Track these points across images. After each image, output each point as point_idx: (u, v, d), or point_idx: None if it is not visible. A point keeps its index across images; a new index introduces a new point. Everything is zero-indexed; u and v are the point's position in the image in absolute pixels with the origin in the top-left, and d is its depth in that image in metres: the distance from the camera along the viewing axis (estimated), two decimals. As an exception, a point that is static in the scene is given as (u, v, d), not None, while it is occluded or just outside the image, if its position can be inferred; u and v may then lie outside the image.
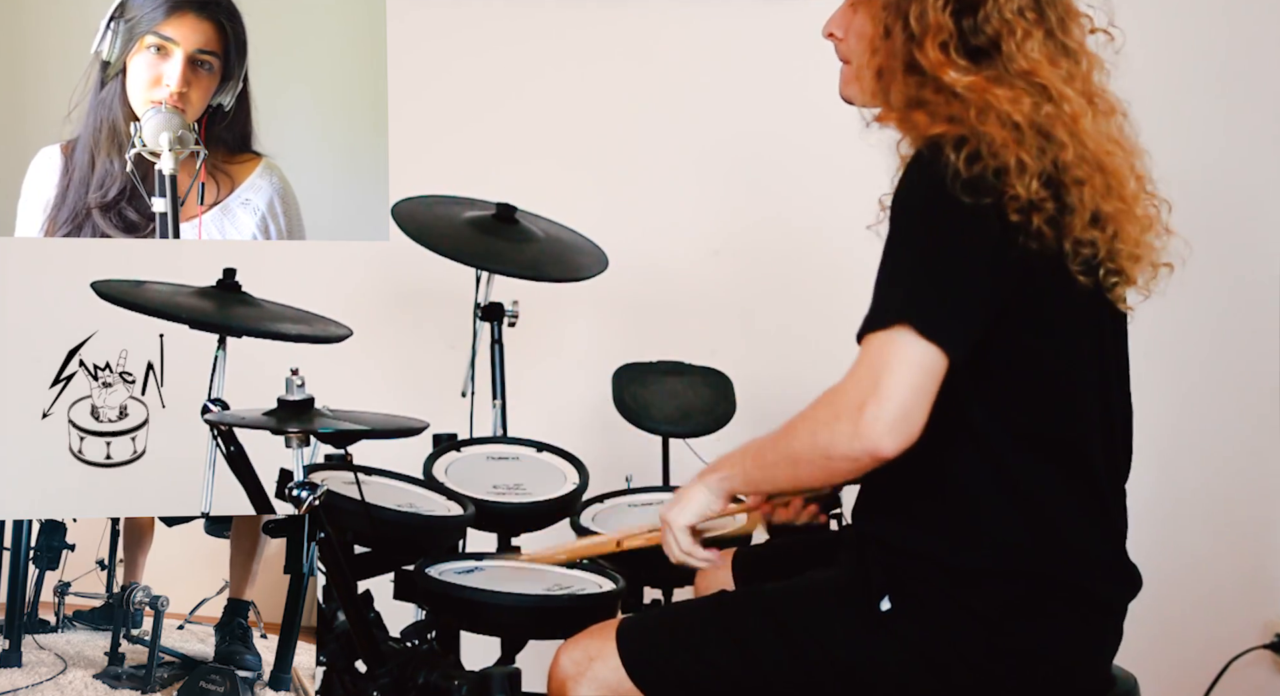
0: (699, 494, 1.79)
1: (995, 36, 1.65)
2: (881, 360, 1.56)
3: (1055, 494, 1.68)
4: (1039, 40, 1.66)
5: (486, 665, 2.07)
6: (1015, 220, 1.58)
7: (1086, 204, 1.63)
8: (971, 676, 1.67)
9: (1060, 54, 1.68)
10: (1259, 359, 3.23)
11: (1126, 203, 1.67)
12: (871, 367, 1.56)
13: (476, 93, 3.18)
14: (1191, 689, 3.00)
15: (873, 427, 1.54)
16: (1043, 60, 1.65)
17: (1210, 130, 3.12)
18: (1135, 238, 1.69)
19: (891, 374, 1.54)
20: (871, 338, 1.58)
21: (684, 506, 1.80)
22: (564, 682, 1.80)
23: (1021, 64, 1.64)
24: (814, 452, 1.61)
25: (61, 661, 2.18)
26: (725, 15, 3.17)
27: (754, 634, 1.75)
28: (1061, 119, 1.63)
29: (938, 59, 1.65)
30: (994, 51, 1.66)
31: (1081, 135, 1.63)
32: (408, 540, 2.21)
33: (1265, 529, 3.25)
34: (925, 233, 1.60)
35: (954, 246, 1.58)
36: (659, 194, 3.21)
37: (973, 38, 1.66)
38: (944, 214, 1.58)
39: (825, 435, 1.58)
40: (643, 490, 2.49)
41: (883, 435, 1.54)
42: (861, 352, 1.59)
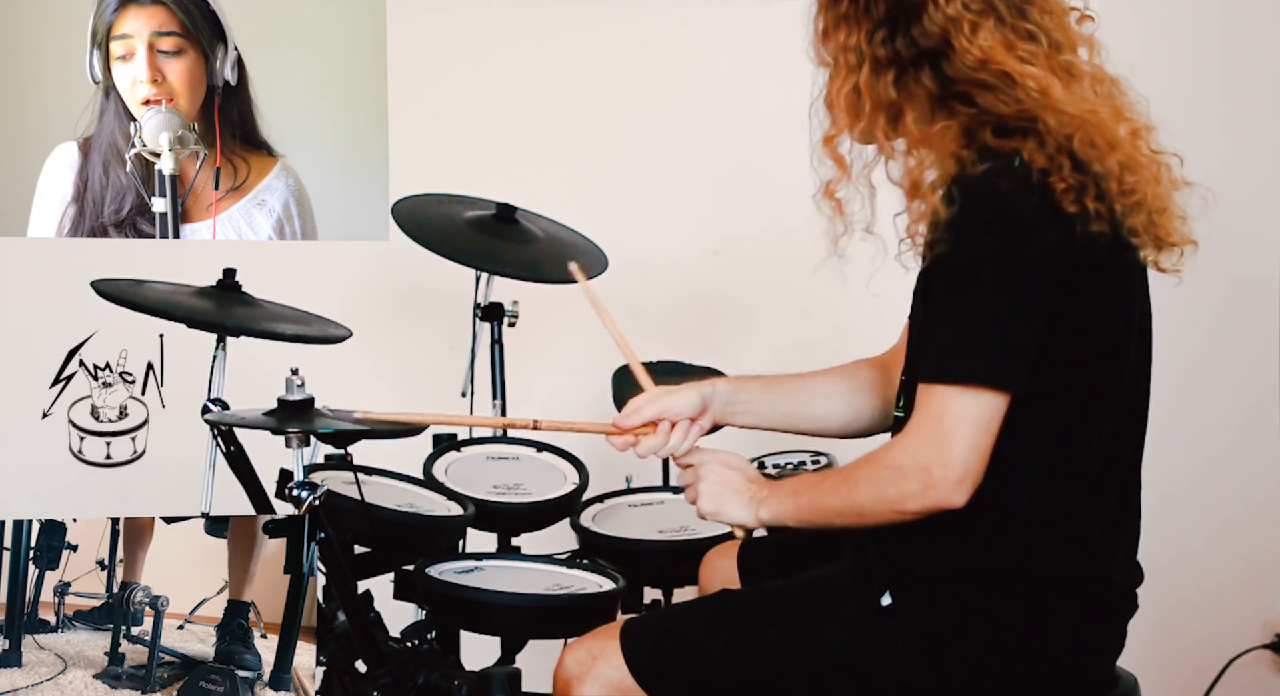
0: (741, 511, 1.80)
1: (943, 35, 1.65)
2: (946, 421, 1.59)
3: (1063, 491, 1.67)
4: (989, 29, 1.65)
5: (486, 665, 2.07)
6: (1073, 211, 1.59)
7: (1106, 162, 1.63)
8: (972, 672, 1.67)
9: (1020, 38, 1.67)
10: (1259, 357, 3.23)
11: (1124, 152, 1.66)
12: (936, 430, 1.60)
13: (476, 94, 3.18)
14: (1191, 689, 3.00)
15: (940, 490, 1.60)
16: (996, 46, 1.65)
17: (1210, 130, 3.13)
18: (1150, 185, 1.68)
19: (955, 440, 1.59)
20: (938, 391, 1.60)
21: (720, 506, 1.81)
22: (568, 682, 1.80)
23: (975, 53, 1.64)
24: (882, 507, 1.65)
25: (61, 661, 2.18)
26: (724, 16, 3.17)
27: (756, 631, 1.75)
28: (1031, 97, 1.63)
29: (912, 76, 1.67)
30: (948, 51, 1.65)
31: (1057, 104, 1.63)
32: (408, 540, 2.21)
33: (1265, 528, 3.25)
34: (993, 270, 1.60)
35: (1021, 284, 1.60)
36: (659, 194, 3.21)
37: (925, 42, 1.66)
38: (1009, 245, 1.59)
39: (893, 492, 1.63)
40: (643, 490, 2.50)
41: (950, 494, 1.60)
42: (924, 403, 1.62)
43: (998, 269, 1.60)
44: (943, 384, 1.60)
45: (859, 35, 1.69)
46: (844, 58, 1.71)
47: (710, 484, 1.82)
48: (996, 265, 1.60)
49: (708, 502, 1.81)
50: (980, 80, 1.64)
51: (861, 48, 1.69)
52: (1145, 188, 1.66)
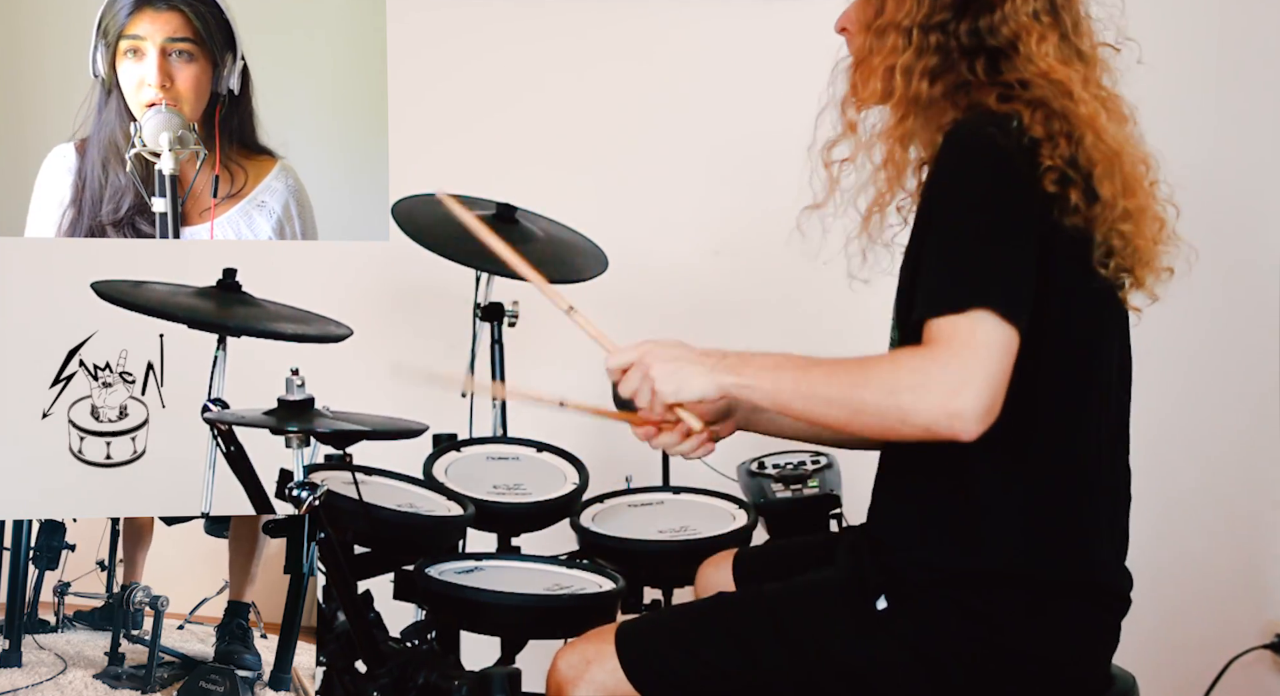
0: (701, 379, 1.68)
1: (1013, 38, 1.67)
2: (972, 345, 1.52)
3: (1059, 497, 1.67)
4: (1054, 43, 1.67)
5: (486, 665, 2.07)
6: (1052, 191, 1.59)
7: (1115, 197, 1.63)
8: (967, 675, 1.67)
9: (1074, 57, 1.69)
10: (1258, 358, 3.24)
11: (1140, 201, 1.67)
12: (963, 350, 1.52)
13: (477, 94, 3.18)
14: (1191, 689, 3.00)
15: (968, 410, 1.51)
16: (1058, 63, 1.66)
17: (1210, 130, 3.13)
18: (1151, 237, 1.69)
19: (986, 361, 1.52)
20: (950, 320, 1.54)
21: (679, 385, 1.69)
22: (562, 687, 1.79)
23: (1039, 65, 1.65)
24: (888, 410, 1.55)
25: (61, 661, 2.18)
26: (725, 16, 3.17)
27: (751, 634, 1.75)
28: (1079, 114, 1.64)
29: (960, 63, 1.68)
30: (1012, 53, 1.67)
31: (1100, 131, 1.64)
32: (408, 540, 2.21)
33: (1265, 528, 3.25)
34: (984, 203, 1.59)
35: (1014, 218, 1.58)
36: (659, 194, 3.21)
37: (990, 39, 1.67)
38: (997, 179, 1.59)
39: (909, 399, 1.53)
40: (643, 490, 2.50)
41: (973, 421, 1.52)
42: (943, 331, 1.54)
43: (990, 199, 1.59)
44: (962, 311, 1.53)
45: (916, 15, 1.68)
46: (893, 33, 1.69)
47: (660, 365, 1.69)
48: (988, 196, 1.59)
49: (666, 383, 1.68)
50: (1030, 82, 1.65)
51: (913, 30, 1.68)
52: (1140, 241, 1.67)
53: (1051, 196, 1.59)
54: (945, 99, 1.70)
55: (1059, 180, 1.59)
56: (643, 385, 1.71)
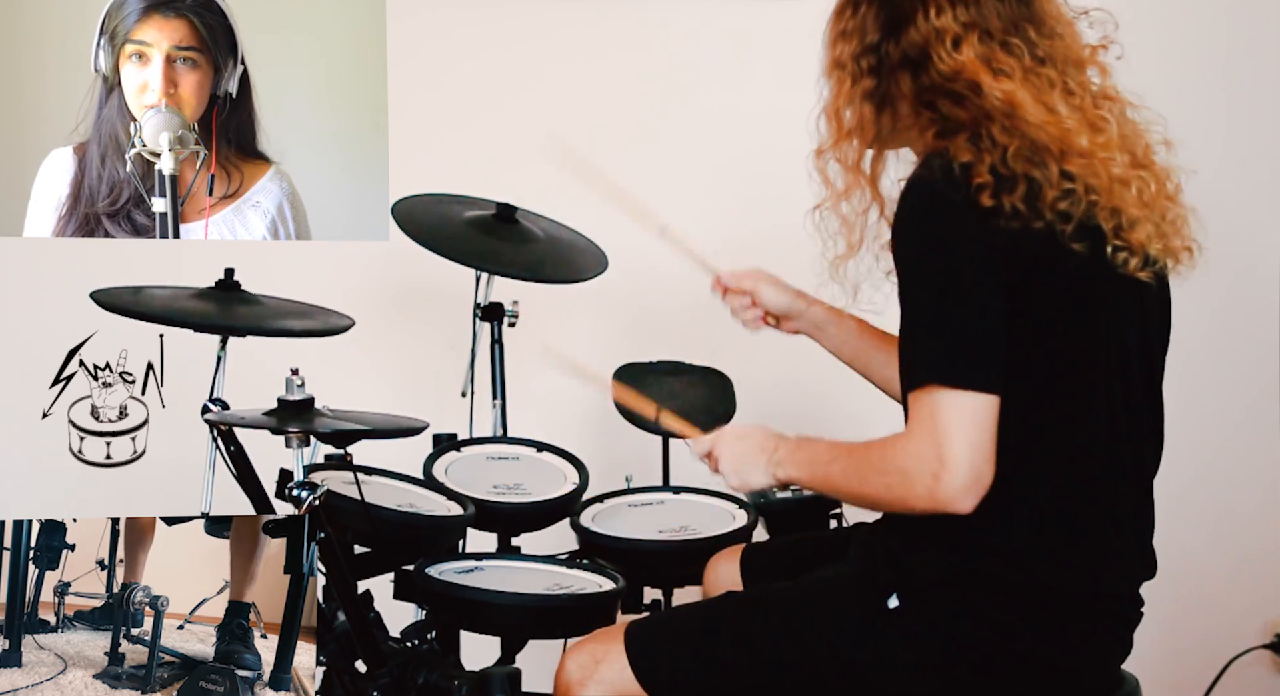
0: (762, 476, 1.81)
1: (924, 44, 1.69)
2: (941, 425, 1.58)
3: (1070, 501, 1.67)
4: (972, 42, 1.68)
5: (486, 665, 2.07)
6: (989, 205, 1.60)
7: (1050, 164, 1.63)
8: (977, 676, 1.67)
9: (1002, 53, 1.69)
10: (1259, 357, 3.23)
11: (1090, 158, 1.65)
12: (933, 433, 1.58)
13: (477, 93, 3.18)
14: (1191, 689, 3.00)
15: (948, 495, 1.58)
16: (970, 59, 1.67)
17: (1210, 130, 3.12)
18: (1118, 176, 1.67)
19: (953, 442, 1.58)
20: (921, 395, 1.60)
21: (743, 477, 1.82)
22: (570, 687, 1.79)
23: (950, 64, 1.67)
24: (892, 502, 1.65)
25: (61, 661, 2.18)
26: (726, 15, 3.17)
27: (762, 632, 1.75)
28: (990, 104, 1.65)
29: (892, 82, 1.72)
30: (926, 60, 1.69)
31: (1017, 107, 1.64)
32: (408, 540, 2.21)
33: (1265, 528, 3.25)
34: (936, 265, 1.62)
35: (967, 272, 1.60)
36: (659, 194, 3.19)
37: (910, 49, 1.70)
38: (945, 236, 1.61)
39: (900, 492, 1.62)
40: (643, 490, 2.50)
41: (958, 499, 1.59)
42: (916, 409, 1.61)
43: (942, 263, 1.61)
44: (925, 388, 1.59)
45: (853, 47, 1.74)
46: (836, 73, 1.76)
47: (729, 460, 1.83)
48: (938, 261, 1.61)
49: (732, 478, 1.83)
50: (950, 90, 1.67)
51: (847, 63, 1.74)
52: (1096, 180, 1.65)
53: (991, 210, 1.59)
54: (899, 128, 1.74)
55: (993, 192, 1.60)
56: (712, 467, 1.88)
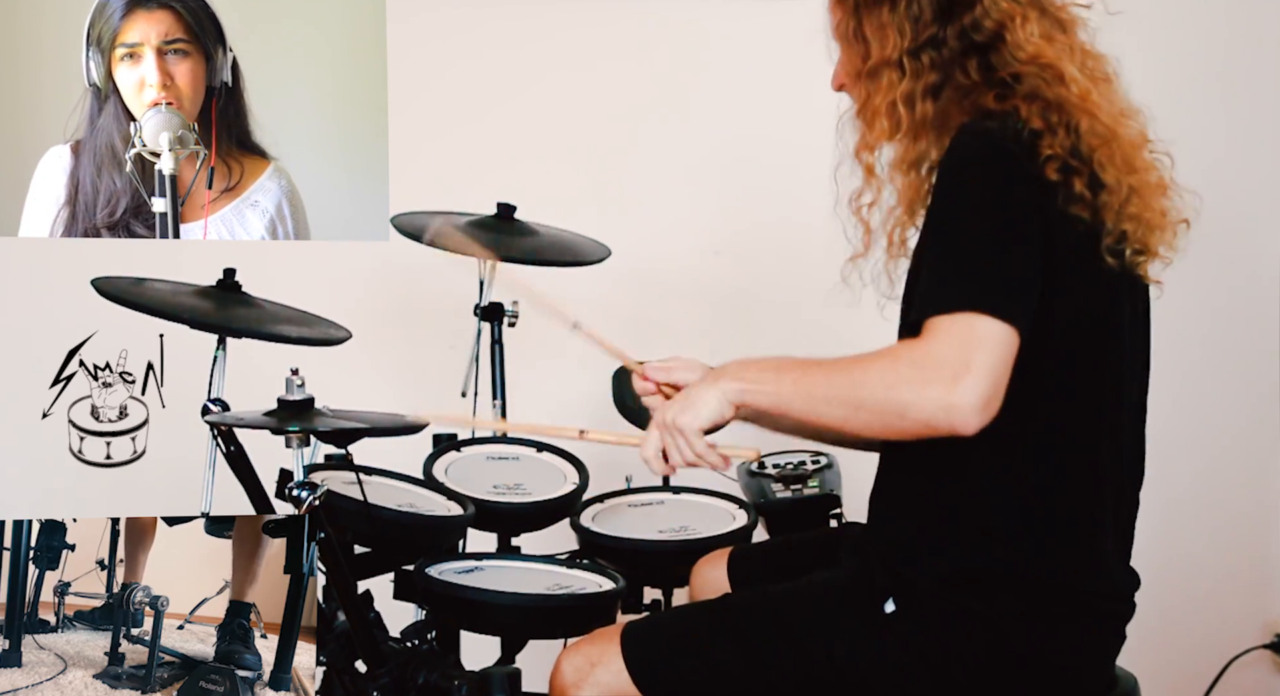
0: (712, 399, 1.66)
1: (998, 28, 1.67)
2: (969, 339, 1.51)
3: (1066, 499, 1.67)
4: (1036, 22, 1.67)
5: (486, 665, 2.07)
6: (1055, 179, 1.58)
7: (1119, 180, 1.63)
8: (974, 679, 1.67)
9: (1056, 29, 1.69)
10: (1259, 358, 3.24)
11: (1139, 173, 1.66)
12: (961, 343, 1.51)
13: (476, 94, 3.18)
14: (1191, 689, 3.00)
15: (966, 401, 1.50)
16: (1044, 43, 1.66)
17: (1210, 131, 3.13)
18: (1156, 208, 1.68)
19: (984, 352, 1.50)
20: (948, 319, 1.53)
21: (696, 411, 1.67)
22: (565, 689, 1.79)
23: (1028, 49, 1.65)
24: (886, 406, 1.54)
25: (61, 661, 2.18)
26: (724, 16, 3.17)
27: (758, 635, 1.75)
28: (1071, 98, 1.64)
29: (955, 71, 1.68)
30: (1000, 44, 1.67)
31: (1094, 111, 1.64)
32: (408, 540, 2.21)
33: (1265, 529, 3.25)
34: (986, 205, 1.58)
35: (1016, 219, 1.58)
36: (659, 194, 3.21)
37: (977, 35, 1.67)
38: (998, 178, 1.59)
39: (908, 394, 1.52)
40: (643, 490, 2.50)
41: (972, 413, 1.50)
42: (941, 328, 1.53)
43: (991, 201, 1.58)
44: (960, 312, 1.52)
45: (902, 44, 1.69)
46: (885, 70, 1.70)
47: (671, 410, 1.69)
48: (990, 198, 1.58)
49: (684, 417, 1.67)
50: (1023, 74, 1.65)
51: (903, 59, 1.68)
52: (1148, 214, 1.66)
53: (1055, 184, 1.59)
54: (950, 111, 1.70)
55: (1061, 169, 1.59)
56: (675, 440, 1.69)
